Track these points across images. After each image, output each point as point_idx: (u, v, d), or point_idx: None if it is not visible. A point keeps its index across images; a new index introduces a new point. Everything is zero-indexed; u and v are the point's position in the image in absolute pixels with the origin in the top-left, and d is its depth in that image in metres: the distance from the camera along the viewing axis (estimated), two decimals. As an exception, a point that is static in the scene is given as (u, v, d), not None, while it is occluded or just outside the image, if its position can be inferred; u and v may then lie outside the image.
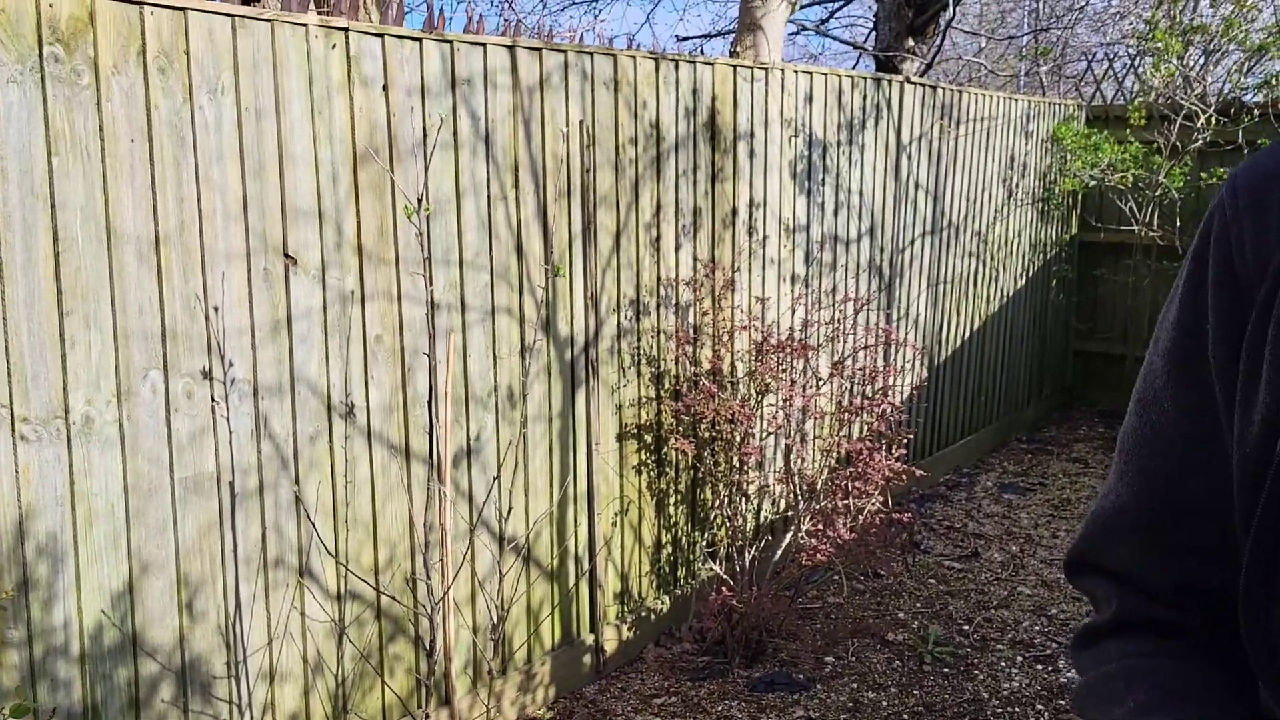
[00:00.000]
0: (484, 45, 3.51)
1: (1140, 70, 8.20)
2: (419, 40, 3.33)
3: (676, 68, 4.20)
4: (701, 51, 10.04)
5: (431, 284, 3.39)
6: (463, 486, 3.63)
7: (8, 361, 2.49)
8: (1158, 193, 6.69)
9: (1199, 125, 6.43)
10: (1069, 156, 7.11)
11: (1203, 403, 0.75)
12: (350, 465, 3.28)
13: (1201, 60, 6.96)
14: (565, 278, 3.85)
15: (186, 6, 2.75)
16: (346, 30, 3.13)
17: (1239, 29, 6.42)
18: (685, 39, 10.20)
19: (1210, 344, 0.74)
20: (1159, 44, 6.43)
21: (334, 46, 3.11)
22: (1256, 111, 6.43)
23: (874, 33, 9.27)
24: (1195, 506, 0.77)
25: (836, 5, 10.24)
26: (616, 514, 4.23)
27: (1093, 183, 6.93)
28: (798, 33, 10.36)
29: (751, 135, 4.62)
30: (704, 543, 4.65)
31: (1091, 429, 7.75)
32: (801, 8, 8.60)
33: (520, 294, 3.72)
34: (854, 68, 11.34)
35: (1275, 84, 6.49)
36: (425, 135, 3.36)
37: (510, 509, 3.78)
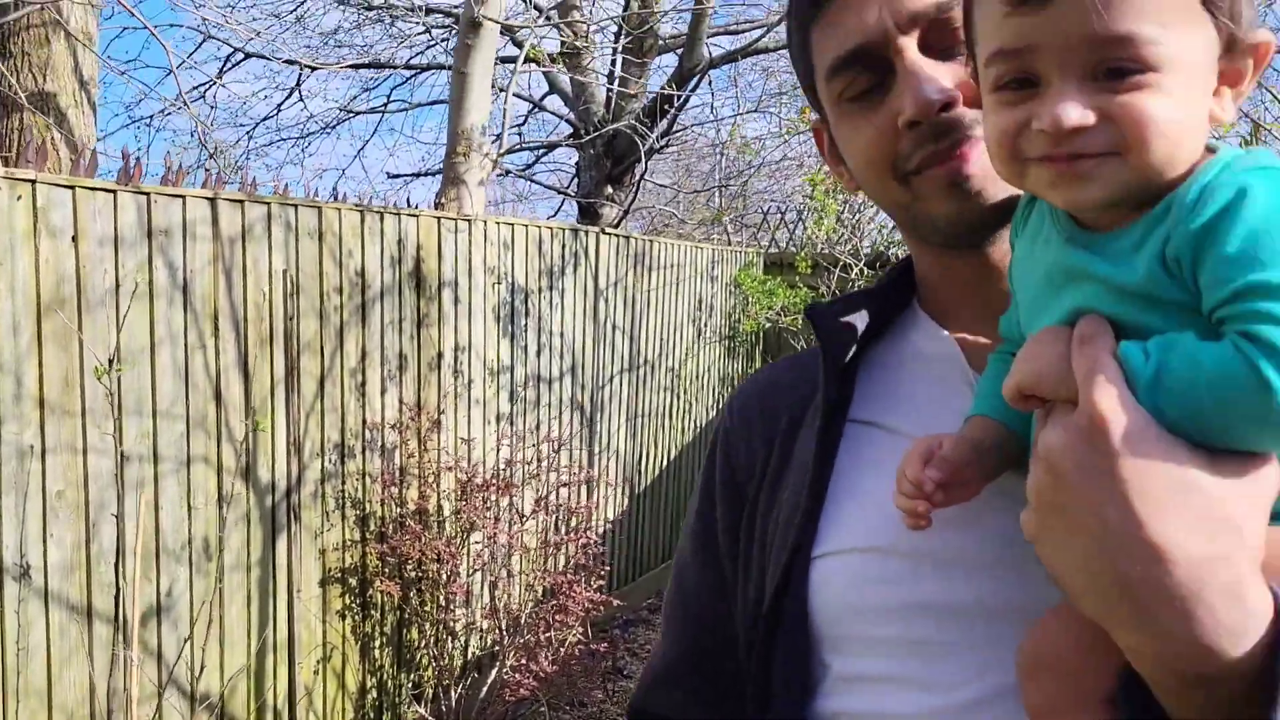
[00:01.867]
0: (183, 197, 3.54)
1: (806, 223, 9.24)
2: (113, 192, 3.32)
3: (382, 219, 4.37)
4: (410, 192, 10.27)
5: (121, 436, 3.30)
6: (152, 645, 3.48)
7: None
8: (824, 334, 7.51)
9: (853, 275, 7.32)
10: (750, 300, 7.85)
11: (719, 575, 1.00)
12: (24, 630, 3.09)
13: (855, 217, 7.97)
14: (267, 424, 3.85)
15: None
16: (34, 181, 3.08)
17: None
18: (395, 176, 10.42)
19: (720, 531, 1.00)
20: (818, 204, 7.33)
21: (19, 198, 3.05)
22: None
23: (576, 179, 9.89)
24: (722, 655, 1.01)
25: (542, 152, 10.85)
26: (319, 661, 4.17)
27: (768, 324, 7.68)
28: (507, 174, 10.85)
29: (456, 283, 4.84)
30: (410, 684, 4.64)
31: (779, 548, 8.37)
32: (508, 152, 9.06)
33: (219, 442, 3.69)
34: (558, 211, 11.94)
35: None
36: (119, 286, 3.32)
37: (204, 666, 3.65)
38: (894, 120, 0.85)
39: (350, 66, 9.58)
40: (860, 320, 0.97)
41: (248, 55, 8.74)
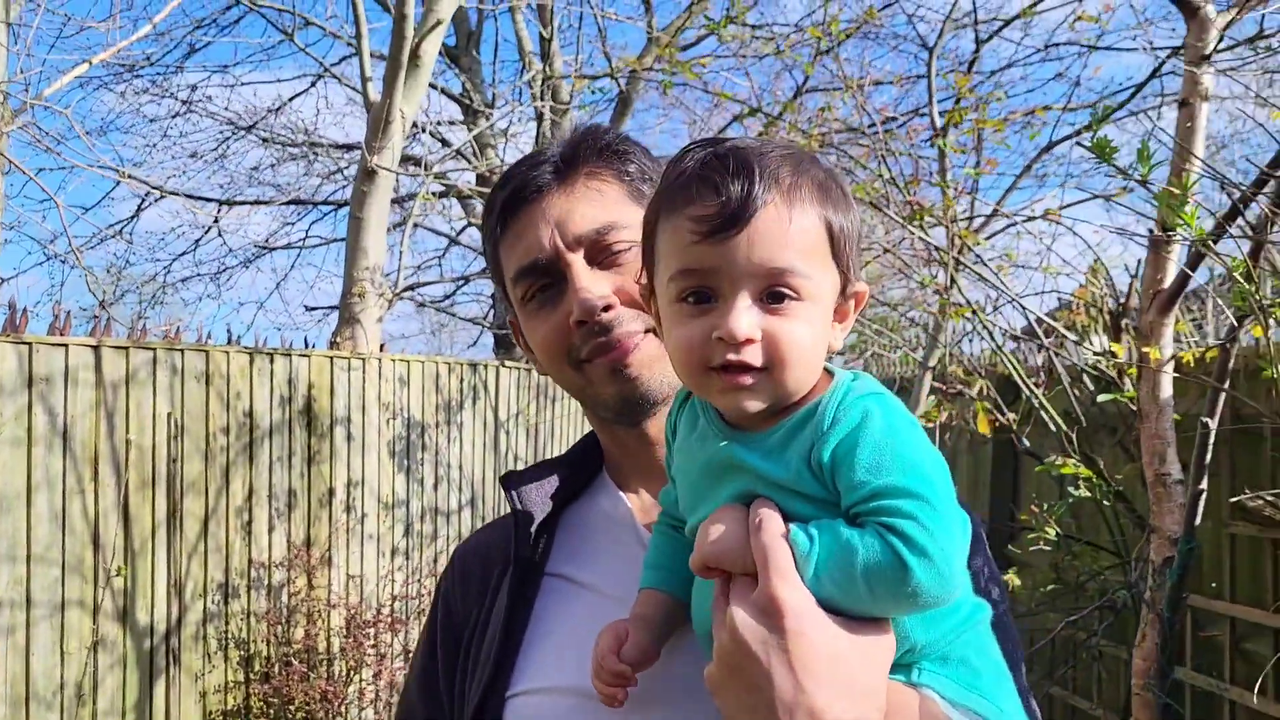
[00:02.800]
0: (66, 345, 3.65)
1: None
2: (-7, 343, 3.42)
3: (272, 360, 4.50)
4: (328, 323, 10.39)
5: (-8, 582, 3.33)
6: (16, 796, 3.43)
7: None
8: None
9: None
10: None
11: (440, 711, 1.14)
12: (-123, 786, 3.05)
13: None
14: (148, 565, 3.88)
15: None
16: (-89, 335, 3.18)
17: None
18: (313, 308, 10.57)
19: (440, 675, 1.14)
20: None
21: (-105, 351, 3.14)
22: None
23: (493, 309, 10.10)
24: None
25: (461, 283, 11.09)
26: (198, 808, 4.10)
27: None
28: (422, 306, 11.03)
29: (349, 419, 4.95)
30: (297, 829, 4.56)
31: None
32: (408, 289, 9.27)
33: (95, 585, 3.71)
34: (476, 341, 12.06)
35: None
36: (-5, 433, 3.39)
37: (72, 816, 3.60)
38: (567, 318, 1.04)
39: (267, 203, 9.80)
40: (552, 485, 1.13)
41: (164, 195, 8.90)
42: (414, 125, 5.49)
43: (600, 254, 1.05)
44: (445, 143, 10.10)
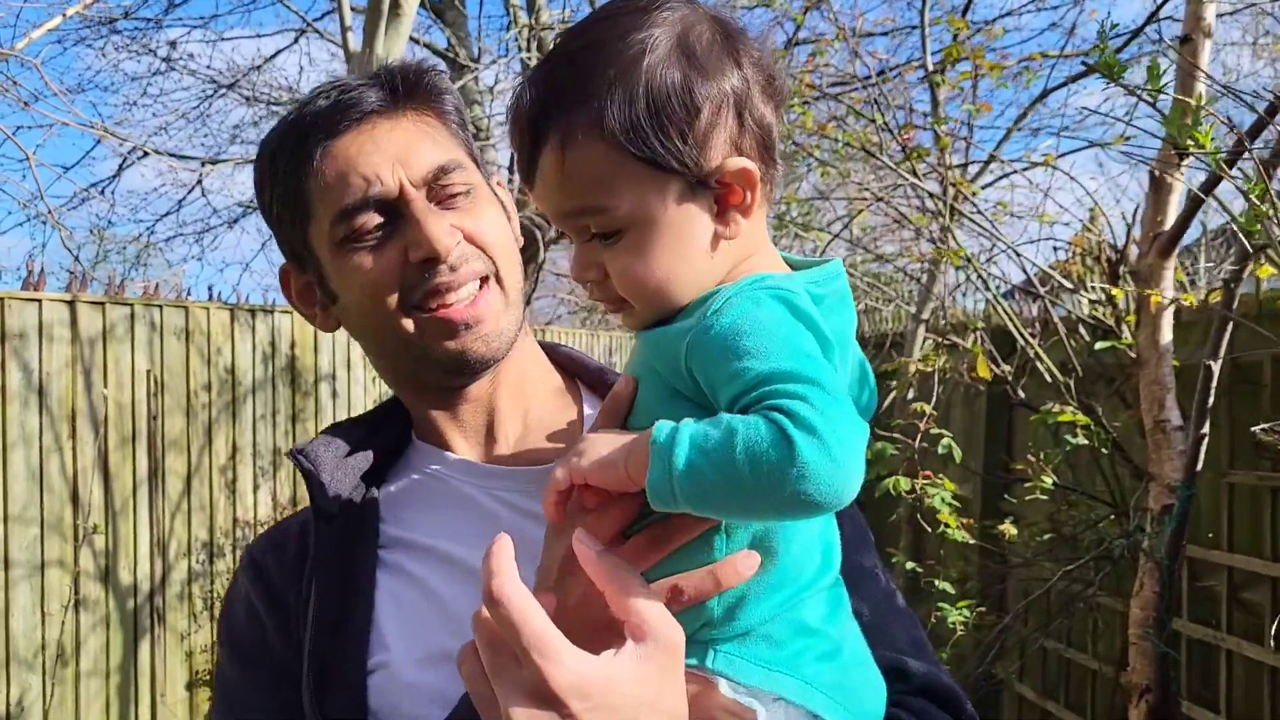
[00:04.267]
0: (39, 301, 3.56)
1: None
2: (-37, 297, 3.33)
3: (254, 316, 4.41)
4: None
5: (-32, 542, 3.26)
6: (-1, 757, 3.39)
7: None
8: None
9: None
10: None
11: (278, 694, 0.99)
12: None
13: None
14: (129, 523, 3.81)
15: None
16: (-123, 289, 3.09)
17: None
18: (300, 269, 10.42)
19: (276, 649, 1.00)
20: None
21: None
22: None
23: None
24: None
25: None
26: (186, 768, 4.07)
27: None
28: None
29: (334, 376, 4.87)
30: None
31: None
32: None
33: (76, 544, 3.64)
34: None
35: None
36: (-33, 389, 3.31)
37: (57, 776, 3.56)
38: (400, 257, 0.96)
39: (250, 162, 9.63)
40: (365, 460, 1.03)
41: (146, 154, 8.74)
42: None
43: (439, 194, 0.98)
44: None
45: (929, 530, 3.07)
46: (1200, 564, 3.40)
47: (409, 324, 0.97)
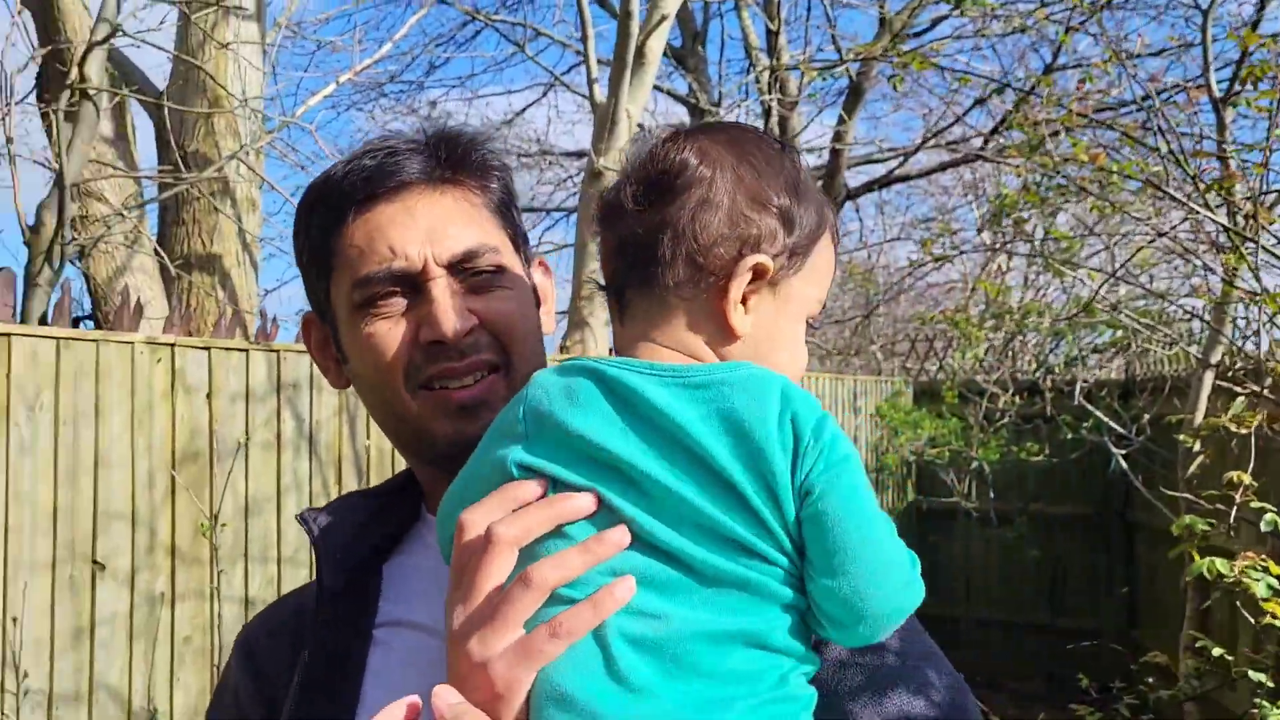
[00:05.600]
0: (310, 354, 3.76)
1: (956, 352, 8.99)
2: (245, 351, 3.56)
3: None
4: (558, 329, 10.61)
5: (247, 582, 3.46)
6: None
7: None
8: (972, 465, 7.21)
9: (1000, 404, 7.05)
10: (897, 431, 7.64)
11: None
12: (147, 774, 3.21)
13: (1002, 344, 7.71)
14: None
15: (10, 332, 2.93)
16: (173, 345, 3.34)
17: (1035, 314, 7.16)
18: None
19: None
20: (963, 332, 7.13)
21: (159, 360, 3.31)
22: (1048, 392, 7.07)
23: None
24: None
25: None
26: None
27: (913, 457, 7.43)
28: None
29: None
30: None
31: (936, 692, 7.89)
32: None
33: (340, 587, 3.80)
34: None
35: (1075, 361, 7.22)
36: (249, 438, 3.53)
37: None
38: (414, 334, 0.96)
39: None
40: (375, 537, 1.05)
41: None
42: (640, 126, 5.40)
43: (466, 275, 0.98)
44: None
45: (1231, 610, 2.69)
46: None
47: (411, 400, 0.97)
